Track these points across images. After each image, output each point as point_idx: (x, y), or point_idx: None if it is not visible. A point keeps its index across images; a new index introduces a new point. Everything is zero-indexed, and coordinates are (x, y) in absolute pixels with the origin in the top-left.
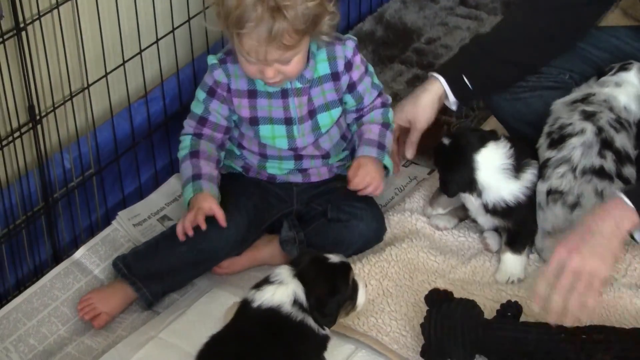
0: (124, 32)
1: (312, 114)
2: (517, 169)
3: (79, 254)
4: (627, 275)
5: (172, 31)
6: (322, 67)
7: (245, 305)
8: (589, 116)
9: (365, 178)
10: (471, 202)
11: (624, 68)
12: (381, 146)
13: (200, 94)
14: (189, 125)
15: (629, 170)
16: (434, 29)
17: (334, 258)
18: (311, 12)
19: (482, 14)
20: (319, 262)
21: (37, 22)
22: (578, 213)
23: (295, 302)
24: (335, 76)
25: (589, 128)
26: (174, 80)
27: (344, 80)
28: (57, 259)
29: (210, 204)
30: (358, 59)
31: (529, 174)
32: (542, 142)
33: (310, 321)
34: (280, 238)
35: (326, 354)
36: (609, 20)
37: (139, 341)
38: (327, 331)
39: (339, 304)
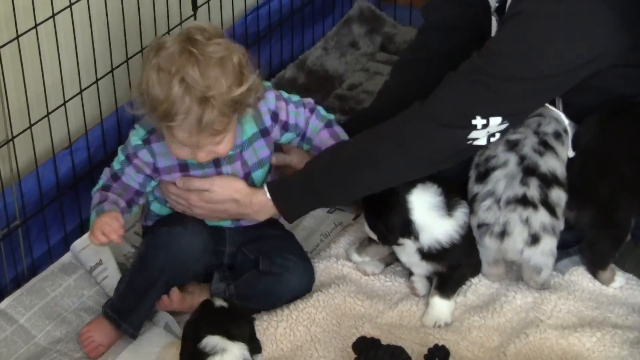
0: (48, 84)
1: (247, 175)
2: (449, 206)
3: (4, 304)
4: (553, 316)
5: (96, 82)
6: (250, 127)
7: None
8: (512, 146)
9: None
10: (407, 249)
11: None
12: None
13: (120, 156)
14: (105, 174)
15: (556, 194)
16: (355, 75)
17: (218, 301)
18: (237, 97)
19: None
20: (225, 311)
21: None
22: (508, 241)
23: None
24: (264, 132)
25: (512, 159)
26: (98, 129)
27: (275, 132)
28: None
29: (114, 215)
30: (281, 103)
31: (461, 213)
32: (472, 174)
33: None
34: (211, 290)
35: None
36: None
37: None
38: None
39: None
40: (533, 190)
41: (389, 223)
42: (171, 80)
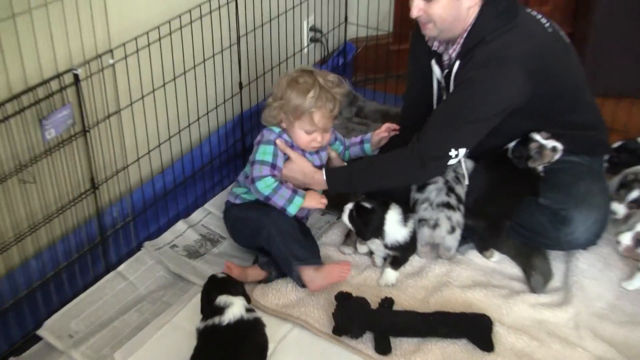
0: (149, 131)
1: (322, 166)
2: (405, 219)
3: (121, 267)
4: (457, 280)
5: (179, 132)
6: None
7: (213, 329)
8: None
9: (389, 127)
10: (376, 243)
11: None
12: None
13: (268, 148)
14: (264, 169)
15: (462, 207)
16: (340, 132)
17: (220, 274)
18: (343, 100)
19: (369, 122)
20: (225, 279)
21: (96, 126)
22: (437, 231)
23: (247, 309)
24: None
25: (440, 180)
26: (179, 163)
27: (331, 139)
28: (107, 271)
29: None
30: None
31: (411, 223)
32: (413, 187)
33: (256, 314)
34: (259, 263)
35: (272, 332)
36: None
37: (158, 325)
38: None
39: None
40: (453, 200)
41: (369, 228)
42: (311, 86)
